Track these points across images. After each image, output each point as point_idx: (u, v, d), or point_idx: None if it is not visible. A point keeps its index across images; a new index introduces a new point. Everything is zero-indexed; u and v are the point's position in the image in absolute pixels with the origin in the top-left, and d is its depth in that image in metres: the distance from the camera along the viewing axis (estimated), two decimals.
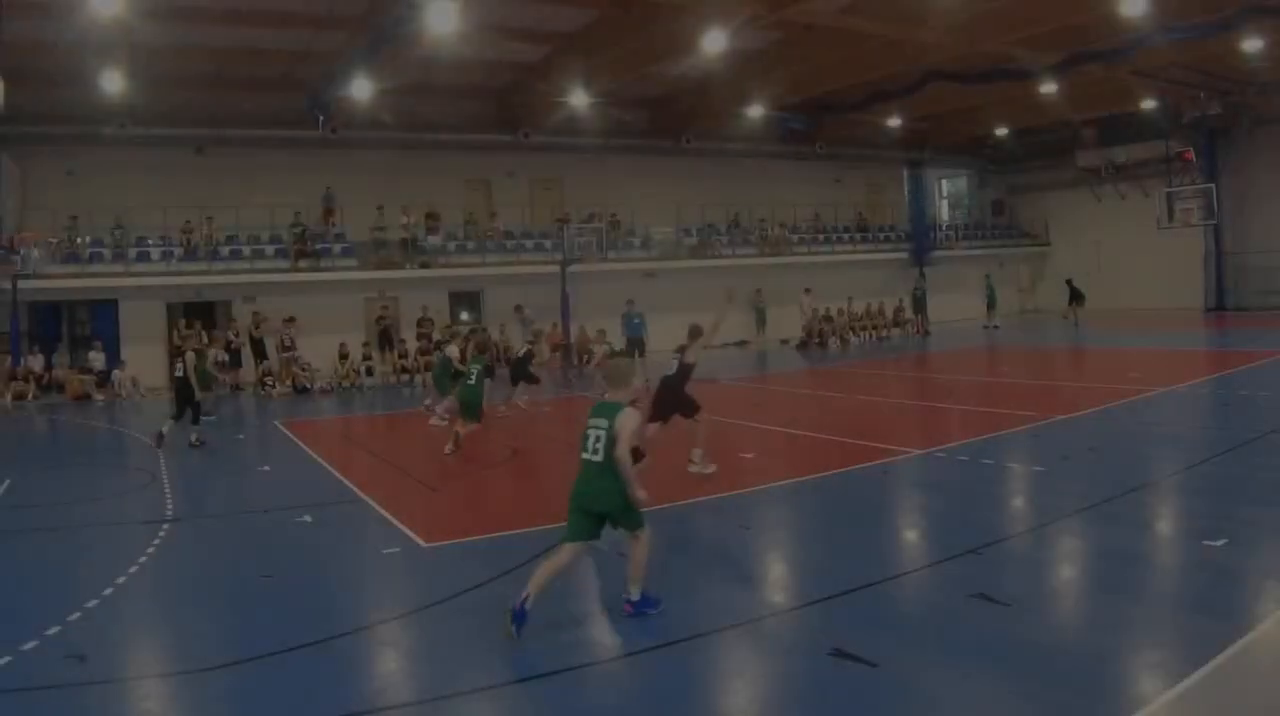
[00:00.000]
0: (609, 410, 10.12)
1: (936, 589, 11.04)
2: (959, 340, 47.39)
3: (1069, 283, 53.81)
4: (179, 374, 23.00)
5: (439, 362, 27.60)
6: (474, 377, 20.39)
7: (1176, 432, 20.63)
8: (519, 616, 9.55)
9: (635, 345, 35.96)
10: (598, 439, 10.06)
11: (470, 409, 21.27)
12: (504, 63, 44.26)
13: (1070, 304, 52.67)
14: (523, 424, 24.41)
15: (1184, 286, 55.04)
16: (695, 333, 17.95)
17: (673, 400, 17.65)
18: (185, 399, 23.08)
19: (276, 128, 43.91)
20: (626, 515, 10.12)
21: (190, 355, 23.33)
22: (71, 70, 37.07)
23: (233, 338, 39.55)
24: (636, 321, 36.91)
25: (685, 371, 17.45)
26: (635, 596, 10.33)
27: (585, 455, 10.17)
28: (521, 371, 28.11)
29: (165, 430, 22.87)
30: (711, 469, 17.15)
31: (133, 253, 40.96)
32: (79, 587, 11.84)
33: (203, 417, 24.14)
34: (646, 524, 10.27)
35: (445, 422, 24.63)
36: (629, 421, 10.00)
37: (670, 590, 10.92)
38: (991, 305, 54.48)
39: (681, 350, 17.56)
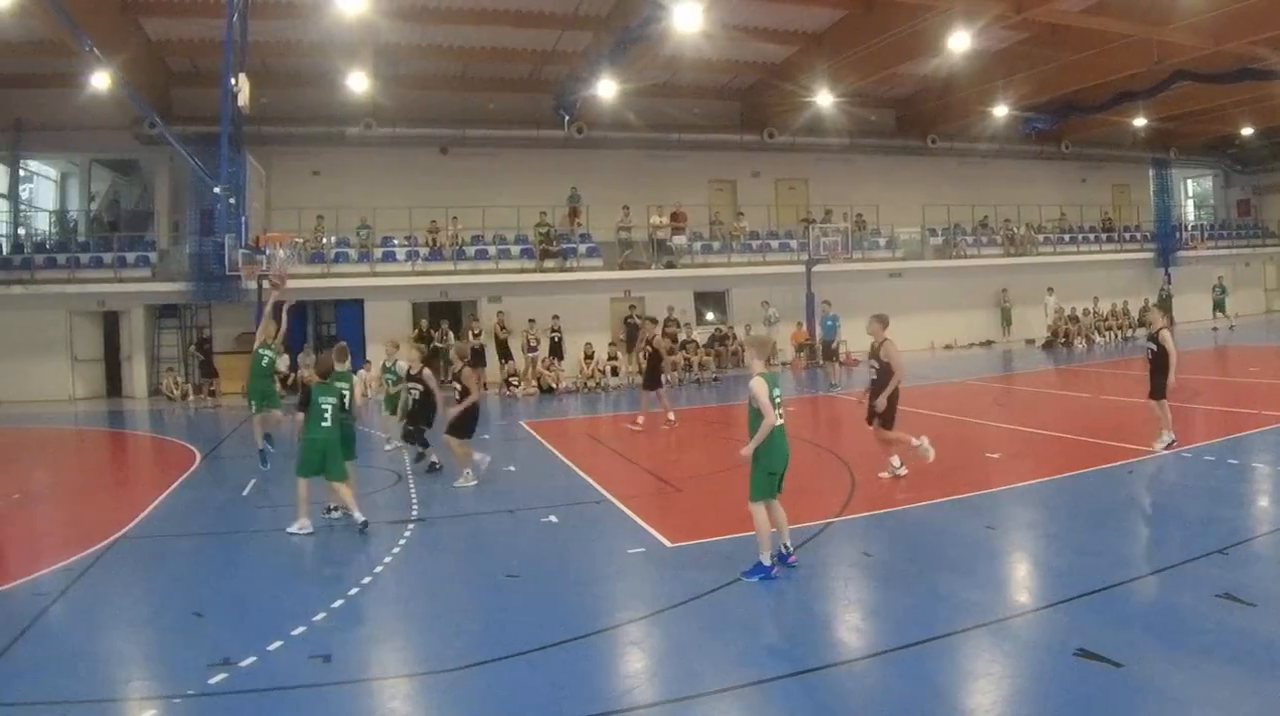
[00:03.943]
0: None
1: (1182, 589, 10.30)
2: (1205, 340, 43.60)
3: None
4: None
5: None
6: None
7: None
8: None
9: (828, 347, 35.54)
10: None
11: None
12: (749, 63, 41.11)
13: None
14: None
15: None
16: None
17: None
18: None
19: (521, 128, 41.92)
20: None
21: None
22: (316, 71, 37.12)
23: (472, 337, 36.97)
24: (830, 323, 35.40)
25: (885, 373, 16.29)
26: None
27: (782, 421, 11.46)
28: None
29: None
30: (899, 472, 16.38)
31: (378, 253, 39.04)
32: (324, 587, 11.60)
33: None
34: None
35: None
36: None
37: (916, 590, 10.66)
38: (1220, 307, 50.47)
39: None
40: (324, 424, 14.47)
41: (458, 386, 18.07)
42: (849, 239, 41.31)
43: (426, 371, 18.88)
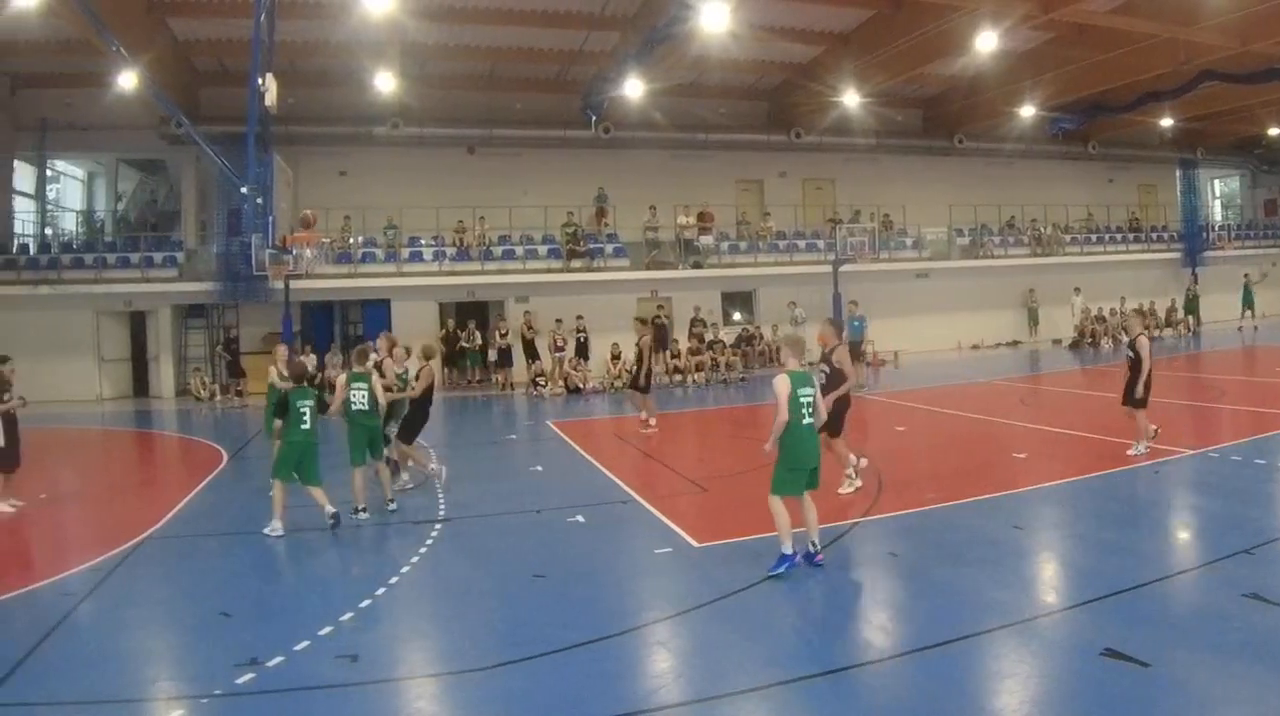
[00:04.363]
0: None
1: (1209, 589, 10.31)
2: (1232, 341, 43.46)
3: None
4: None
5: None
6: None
7: None
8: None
9: (855, 348, 35.70)
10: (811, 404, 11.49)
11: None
12: (776, 63, 40.70)
13: None
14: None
15: None
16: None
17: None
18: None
19: (549, 128, 41.57)
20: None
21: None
22: (343, 70, 36.49)
23: (499, 337, 37.10)
24: (856, 324, 34.50)
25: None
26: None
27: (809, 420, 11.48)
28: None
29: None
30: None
31: (405, 253, 38.71)
32: (351, 588, 11.53)
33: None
34: None
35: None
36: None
37: (943, 589, 10.66)
38: (1248, 305, 48.91)
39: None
40: (303, 427, 14.57)
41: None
42: (876, 239, 40.96)
43: (381, 368, 18.53)
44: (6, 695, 8.58)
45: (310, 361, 32.89)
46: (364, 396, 15.57)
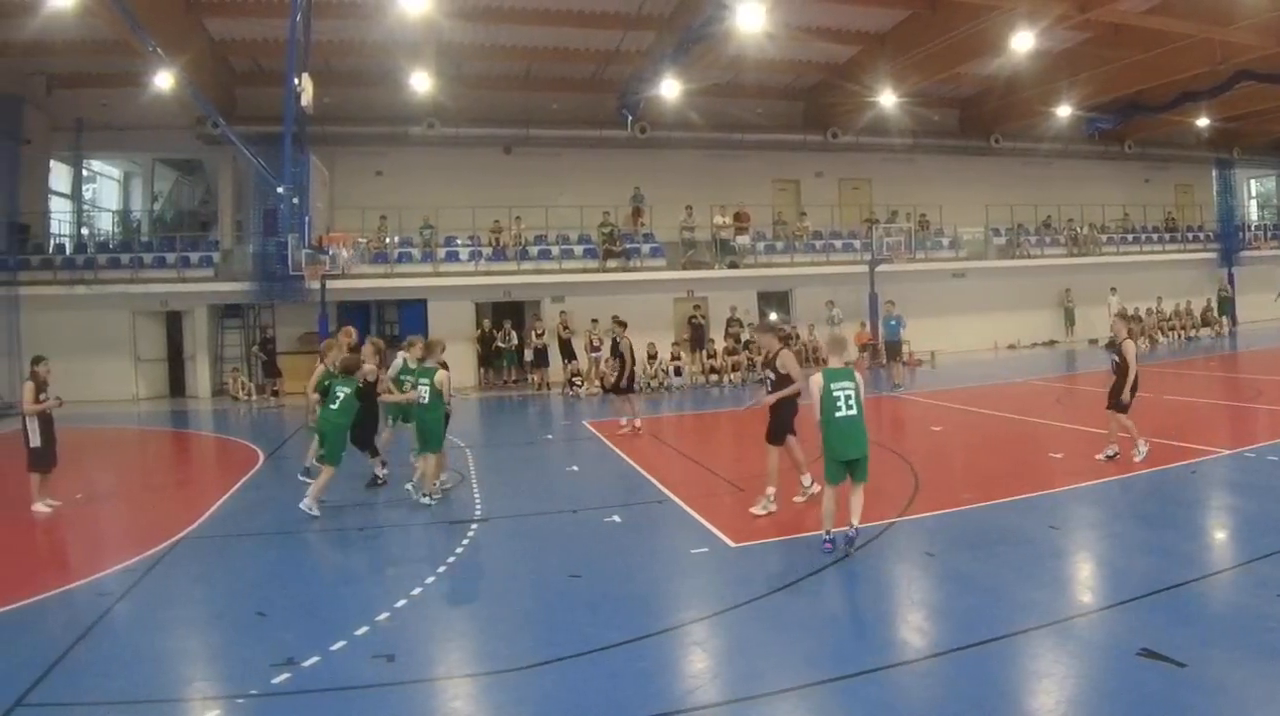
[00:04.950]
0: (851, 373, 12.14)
1: (1246, 589, 10.15)
2: (1269, 340, 42.94)
3: None
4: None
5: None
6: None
7: None
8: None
9: (892, 348, 34.47)
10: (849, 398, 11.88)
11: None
12: (812, 63, 40.54)
13: None
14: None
15: None
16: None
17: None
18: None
19: (585, 127, 41.46)
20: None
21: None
22: (379, 70, 36.81)
23: (535, 337, 37.04)
24: (893, 323, 34.52)
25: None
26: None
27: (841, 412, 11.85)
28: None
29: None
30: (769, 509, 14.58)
31: (441, 252, 38.57)
32: (388, 587, 11.43)
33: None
34: None
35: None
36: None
37: (979, 589, 10.56)
38: None
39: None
40: (332, 407, 15.57)
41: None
42: (912, 239, 40.75)
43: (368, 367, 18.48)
44: (43, 695, 8.47)
45: None
46: (428, 390, 15.94)
